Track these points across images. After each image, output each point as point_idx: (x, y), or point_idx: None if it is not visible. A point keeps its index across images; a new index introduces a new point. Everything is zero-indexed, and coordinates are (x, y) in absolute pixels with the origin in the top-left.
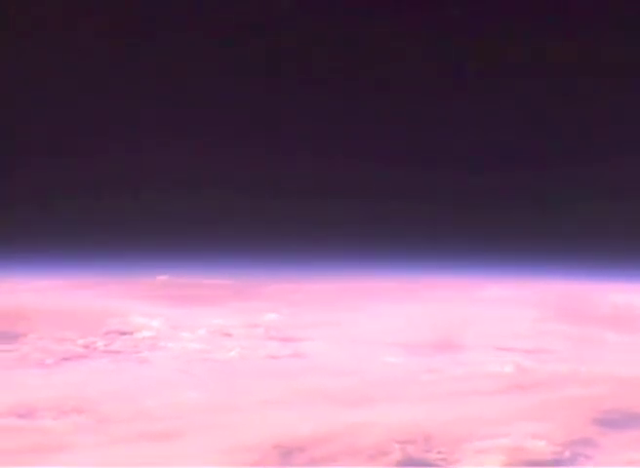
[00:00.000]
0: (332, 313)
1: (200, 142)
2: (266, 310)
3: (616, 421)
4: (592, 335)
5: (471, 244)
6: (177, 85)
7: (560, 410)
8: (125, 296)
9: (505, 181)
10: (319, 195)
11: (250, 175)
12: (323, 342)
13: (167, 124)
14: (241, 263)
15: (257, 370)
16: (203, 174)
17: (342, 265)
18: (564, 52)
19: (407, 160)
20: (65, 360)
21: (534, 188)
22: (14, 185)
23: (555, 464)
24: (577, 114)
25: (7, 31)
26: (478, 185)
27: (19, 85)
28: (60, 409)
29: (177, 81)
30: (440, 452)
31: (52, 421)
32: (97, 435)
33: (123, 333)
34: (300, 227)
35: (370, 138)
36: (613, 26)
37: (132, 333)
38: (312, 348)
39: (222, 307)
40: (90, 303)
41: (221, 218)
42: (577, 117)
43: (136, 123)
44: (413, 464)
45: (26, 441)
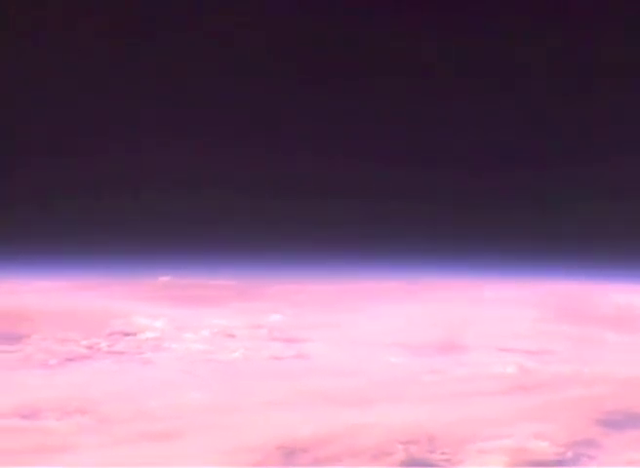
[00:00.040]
0: (334, 314)
1: (201, 142)
2: (270, 311)
3: (618, 422)
4: (593, 336)
5: (472, 244)
6: (176, 85)
7: (563, 411)
8: (128, 297)
9: (505, 181)
10: (319, 195)
11: (251, 175)
12: (326, 343)
13: (168, 124)
14: (244, 264)
15: (260, 370)
16: (205, 174)
17: (343, 266)
18: (564, 52)
19: (407, 160)
20: (69, 361)
21: (534, 188)
22: (16, 186)
23: (558, 465)
24: (577, 114)
25: (7, 31)
26: (478, 185)
27: (19, 85)
28: (64, 410)
29: (176, 81)
30: (443, 453)
31: (55, 422)
32: (100, 435)
33: (126, 334)
34: (302, 228)
35: (370, 138)
36: (613, 26)
37: (135, 334)
38: (315, 349)
39: (226, 308)
40: (93, 304)
41: (224, 219)
42: (577, 117)
43: (138, 123)
44: (416, 464)
45: (30, 441)
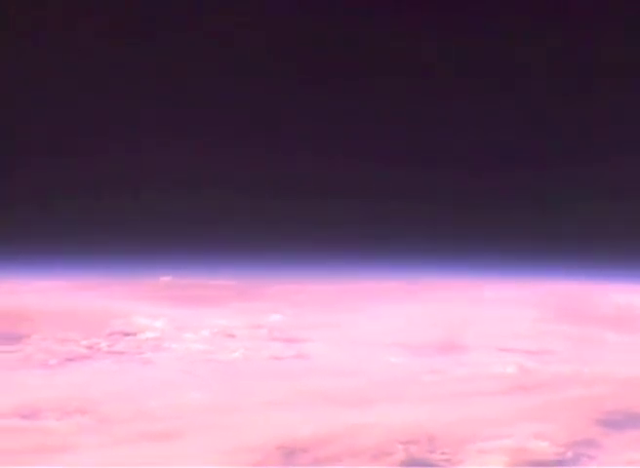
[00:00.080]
0: (334, 314)
1: (201, 142)
2: (270, 311)
3: (618, 422)
4: (593, 336)
5: (472, 244)
6: (176, 85)
7: (563, 411)
8: (128, 297)
9: (505, 182)
10: (319, 195)
11: (251, 175)
12: (326, 343)
13: (168, 124)
14: (244, 264)
15: (260, 370)
16: (205, 174)
17: (343, 266)
18: (564, 52)
19: (407, 160)
20: (69, 361)
21: (534, 188)
22: (16, 186)
23: (558, 465)
24: (577, 114)
25: (7, 31)
26: (478, 185)
27: (19, 85)
28: (64, 410)
29: (176, 81)
30: (443, 453)
31: (55, 422)
32: (100, 435)
33: (126, 334)
34: (302, 228)
35: (370, 138)
36: (613, 26)
37: (135, 334)
38: (315, 349)
39: (226, 308)
40: (93, 304)
41: (225, 219)
42: (577, 117)
43: (138, 123)
44: (416, 464)
45: (30, 441)
